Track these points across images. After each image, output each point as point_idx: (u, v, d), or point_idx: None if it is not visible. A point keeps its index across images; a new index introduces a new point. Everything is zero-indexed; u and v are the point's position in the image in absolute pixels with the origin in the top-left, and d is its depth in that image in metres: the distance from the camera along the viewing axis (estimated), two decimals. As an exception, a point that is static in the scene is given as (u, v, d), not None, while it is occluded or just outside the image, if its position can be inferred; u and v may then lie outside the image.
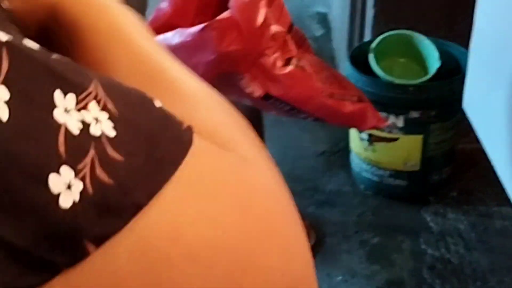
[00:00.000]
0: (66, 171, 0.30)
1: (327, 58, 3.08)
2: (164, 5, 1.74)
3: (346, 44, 2.74)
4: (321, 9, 3.83)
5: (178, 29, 1.64)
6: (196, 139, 0.36)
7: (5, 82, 0.30)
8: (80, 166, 0.31)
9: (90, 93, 0.33)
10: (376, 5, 2.39)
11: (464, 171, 2.44)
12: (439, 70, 2.18)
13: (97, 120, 0.32)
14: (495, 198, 2.26)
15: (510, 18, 1.22)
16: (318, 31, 3.58)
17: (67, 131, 0.31)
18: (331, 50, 3.33)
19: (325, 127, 2.65)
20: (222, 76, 1.68)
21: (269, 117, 2.32)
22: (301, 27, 3.51)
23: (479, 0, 1.45)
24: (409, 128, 2.20)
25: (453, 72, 2.21)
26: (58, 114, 0.31)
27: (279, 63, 1.68)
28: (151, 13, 1.84)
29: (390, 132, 2.21)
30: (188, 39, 1.61)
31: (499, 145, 1.34)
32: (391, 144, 2.25)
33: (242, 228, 0.34)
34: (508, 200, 1.33)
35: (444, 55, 2.23)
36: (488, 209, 2.29)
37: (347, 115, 1.77)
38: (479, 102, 1.49)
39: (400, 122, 2.18)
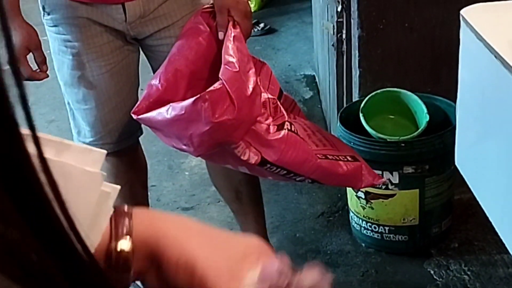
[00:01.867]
0: None
1: (317, 120, 3.13)
2: (155, 81, 1.78)
3: (335, 105, 2.79)
4: (308, 71, 3.89)
5: (171, 104, 1.68)
6: None
7: None
8: None
9: None
10: (361, 65, 2.44)
11: (463, 221, 2.45)
12: (429, 124, 2.22)
13: None
14: (496, 246, 2.26)
15: (491, 68, 1.25)
16: (307, 94, 3.64)
17: None
18: (321, 112, 3.38)
19: (322, 187, 2.67)
20: (218, 146, 1.70)
21: (265, 182, 2.34)
22: (290, 91, 3.57)
23: (461, 53, 1.49)
24: (405, 183, 2.22)
25: (443, 125, 2.25)
26: None
27: (272, 129, 1.71)
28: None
29: (386, 188, 2.23)
30: (182, 112, 1.64)
31: (492, 197, 1.36)
32: (388, 201, 2.26)
33: None
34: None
35: (432, 109, 2.27)
36: (491, 257, 2.29)
37: (343, 175, 1.80)
38: (470, 155, 1.51)
39: (395, 179, 2.21)
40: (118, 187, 0.57)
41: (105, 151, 0.56)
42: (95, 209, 0.54)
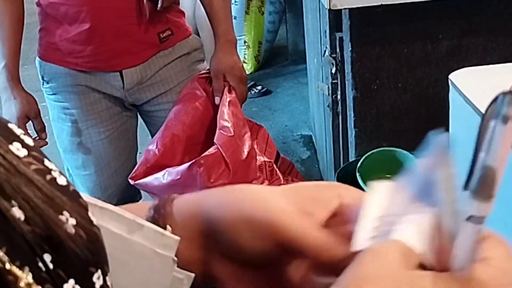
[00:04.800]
0: None
1: (315, 180, 3.14)
2: (153, 146, 1.81)
3: (332, 165, 2.81)
4: (305, 131, 3.92)
5: (168, 169, 1.70)
6: None
7: None
8: None
9: None
10: (356, 125, 2.47)
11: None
12: (425, 182, 2.23)
13: None
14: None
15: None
16: (304, 154, 3.66)
17: None
18: (318, 172, 3.39)
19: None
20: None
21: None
22: (287, 151, 3.58)
23: (451, 115, 1.51)
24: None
25: (439, 183, 2.27)
26: None
27: (268, 192, 1.73)
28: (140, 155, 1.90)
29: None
30: (178, 177, 1.66)
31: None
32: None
33: None
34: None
35: (428, 168, 2.28)
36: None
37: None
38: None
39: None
40: (192, 274, 0.52)
41: (178, 238, 0.52)
42: None
